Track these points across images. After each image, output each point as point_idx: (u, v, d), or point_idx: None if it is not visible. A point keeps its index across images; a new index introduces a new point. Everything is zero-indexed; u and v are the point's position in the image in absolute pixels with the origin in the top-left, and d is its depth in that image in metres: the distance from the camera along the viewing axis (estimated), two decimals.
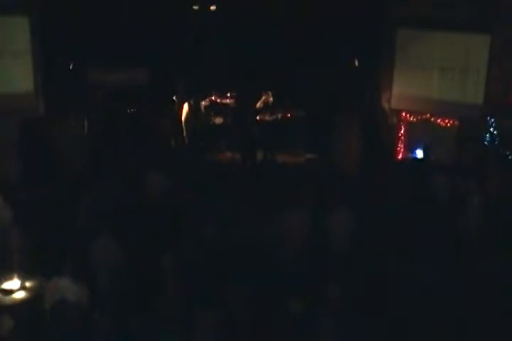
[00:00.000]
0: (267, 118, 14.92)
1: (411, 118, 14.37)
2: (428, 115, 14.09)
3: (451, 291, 8.79)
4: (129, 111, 15.09)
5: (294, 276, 8.96)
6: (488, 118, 12.96)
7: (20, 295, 8.89)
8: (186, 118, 15.03)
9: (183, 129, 15.13)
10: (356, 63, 14.91)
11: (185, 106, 15.01)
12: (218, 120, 15.53)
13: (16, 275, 9.10)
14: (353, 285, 8.56)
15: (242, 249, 9.25)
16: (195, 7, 15.10)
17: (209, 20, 15.18)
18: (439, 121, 13.95)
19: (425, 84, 14.00)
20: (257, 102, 14.87)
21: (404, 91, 14.28)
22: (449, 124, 13.83)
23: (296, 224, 9.62)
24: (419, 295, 8.64)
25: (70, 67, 14.33)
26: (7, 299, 8.78)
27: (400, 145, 14.49)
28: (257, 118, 14.90)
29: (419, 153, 13.99)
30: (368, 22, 13.92)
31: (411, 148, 14.37)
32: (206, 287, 8.28)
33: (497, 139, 12.85)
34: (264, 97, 14.82)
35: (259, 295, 8.18)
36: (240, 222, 10.10)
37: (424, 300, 8.53)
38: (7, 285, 9.03)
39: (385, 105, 14.66)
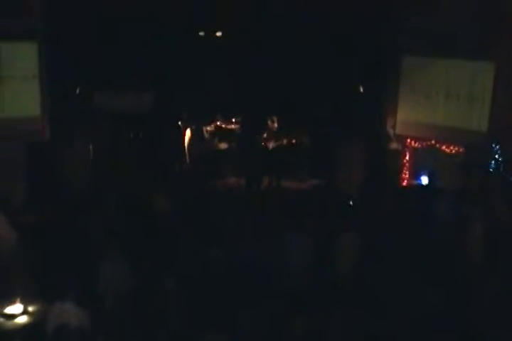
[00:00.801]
0: (272, 144, 14.90)
1: (416, 145, 14.30)
2: (433, 141, 14.03)
3: (456, 317, 8.69)
4: (134, 135, 15.11)
5: (298, 303, 8.82)
6: (493, 145, 12.93)
7: (22, 319, 8.80)
8: (190, 143, 15.11)
9: (186, 154, 15.23)
10: (361, 89, 14.88)
11: (189, 132, 15.08)
12: (223, 145, 15.50)
13: (18, 300, 8.98)
14: (357, 311, 8.44)
15: (246, 275, 9.27)
16: (201, 33, 15.18)
17: (215, 45, 15.15)
18: (444, 147, 13.90)
19: (430, 111, 13.99)
20: (262, 128, 14.91)
21: (409, 118, 14.24)
22: (454, 151, 13.78)
23: (301, 250, 9.54)
24: (424, 320, 8.51)
25: (77, 92, 14.27)
26: (9, 324, 8.68)
27: (405, 172, 14.42)
28: (262, 144, 14.91)
29: (424, 180, 13.79)
30: (374, 48, 13.89)
31: (416, 175, 14.26)
32: (210, 310, 8.33)
33: (502, 166, 12.84)
34: (268, 123, 14.83)
35: (262, 318, 8.13)
36: (244, 248, 9.97)
37: (428, 326, 8.39)
38: (9, 309, 8.92)
39: (390, 131, 14.63)
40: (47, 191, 12.93)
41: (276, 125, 14.79)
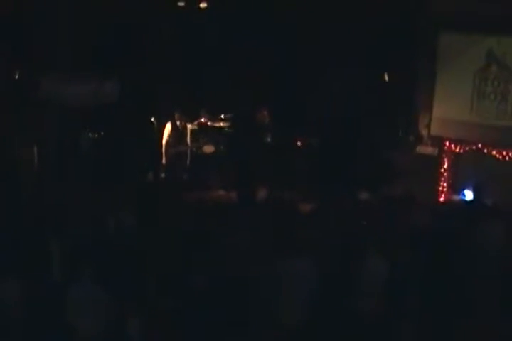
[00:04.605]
0: (272, 147, 14.09)
1: (457, 149, 13.48)
2: (480, 145, 13.14)
3: None
4: (92, 135, 14.08)
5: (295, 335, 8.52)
6: None
7: None
8: (167, 145, 14.14)
9: (162, 159, 14.26)
10: (386, 78, 14.04)
11: (167, 131, 14.08)
12: (208, 148, 14.51)
13: None
14: None
15: (237, 303, 8.70)
16: (181, 3, 13.98)
17: (197, 20, 14.25)
18: (494, 152, 13.06)
19: (476, 105, 13.17)
20: (256, 125, 13.99)
21: (448, 114, 13.43)
22: (507, 157, 12.93)
23: (307, 279, 8.58)
24: None
25: (16, 78, 13.25)
26: None
27: (443, 184, 13.57)
28: (258, 146, 13.97)
29: (469, 195, 12.92)
30: (401, 24, 13.26)
31: (457, 188, 13.49)
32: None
33: None
34: (258, 116, 14.00)
35: None
36: (235, 276, 9.10)
37: None
38: None
39: (423, 132, 13.87)
40: None
41: (268, 118, 14.02)
